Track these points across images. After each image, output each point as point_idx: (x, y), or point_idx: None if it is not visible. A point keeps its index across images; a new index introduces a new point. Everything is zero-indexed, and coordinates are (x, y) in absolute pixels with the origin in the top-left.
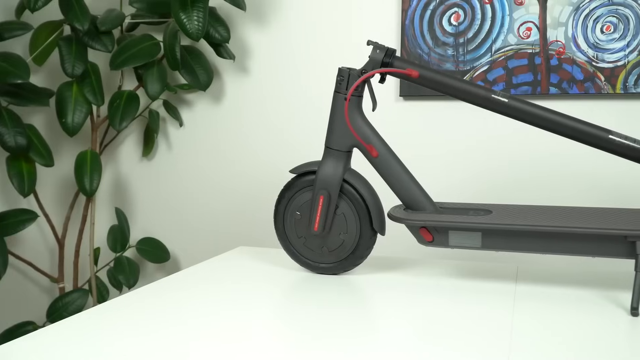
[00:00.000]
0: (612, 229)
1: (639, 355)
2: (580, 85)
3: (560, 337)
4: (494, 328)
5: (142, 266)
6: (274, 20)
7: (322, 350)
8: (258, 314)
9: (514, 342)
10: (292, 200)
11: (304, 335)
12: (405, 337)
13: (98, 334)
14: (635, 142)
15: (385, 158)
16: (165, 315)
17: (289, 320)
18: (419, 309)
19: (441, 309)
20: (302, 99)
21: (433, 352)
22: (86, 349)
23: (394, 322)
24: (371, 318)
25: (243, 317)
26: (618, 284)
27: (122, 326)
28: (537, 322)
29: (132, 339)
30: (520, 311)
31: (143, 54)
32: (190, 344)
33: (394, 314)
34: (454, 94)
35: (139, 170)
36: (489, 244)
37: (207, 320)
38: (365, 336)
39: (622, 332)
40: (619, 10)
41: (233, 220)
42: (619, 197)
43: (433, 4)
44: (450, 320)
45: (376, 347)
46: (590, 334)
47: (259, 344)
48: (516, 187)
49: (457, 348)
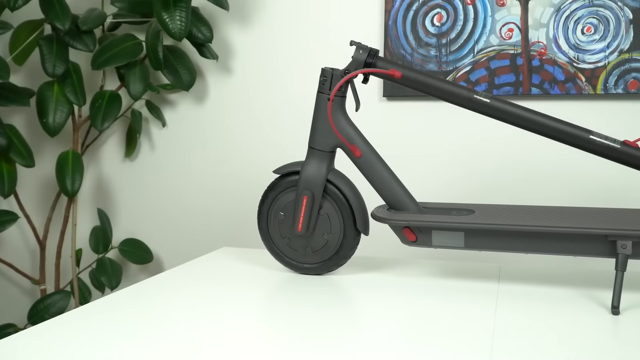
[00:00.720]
0: (593, 229)
1: (620, 353)
2: (562, 85)
3: (542, 336)
4: (477, 327)
5: (124, 267)
6: (257, 20)
7: (306, 351)
8: (242, 315)
9: (496, 341)
10: (275, 200)
11: (288, 336)
12: (389, 337)
13: (80, 336)
14: (615, 142)
15: (369, 158)
16: (147, 316)
17: (273, 321)
18: (403, 309)
19: (424, 309)
20: (285, 99)
21: (416, 351)
22: (68, 351)
23: (378, 322)
24: (355, 318)
25: (226, 318)
26: (599, 283)
27: (105, 328)
28: (519, 321)
29: (114, 341)
30: (503, 310)
31: (125, 54)
32: (173, 345)
33: (378, 313)
34: (437, 94)
35: (121, 171)
36: (472, 243)
37: (191, 321)
38: (349, 336)
39: (603, 331)
40: (599, 12)
41: (216, 220)
42: (600, 197)
43: (416, 5)
44: (433, 320)
45: (360, 347)
46: (571, 333)
47: (243, 345)
48: (499, 188)
49: (440, 347)
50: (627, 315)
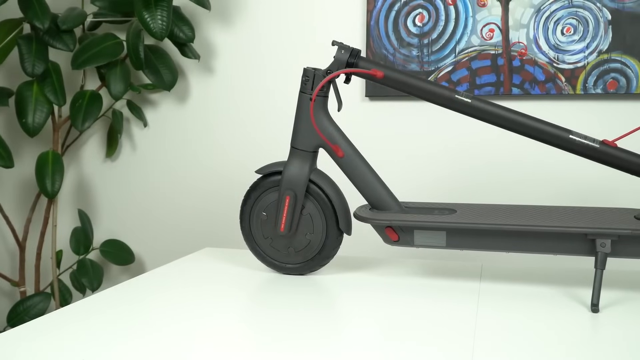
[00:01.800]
0: (573, 227)
1: (599, 350)
2: (542, 85)
3: (522, 334)
4: (459, 325)
5: (106, 269)
6: (239, 20)
7: (289, 352)
8: (223, 316)
9: (477, 339)
10: (258, 200)
11: (270, 337)
12: (371, 336)
13: (60, 338)
14: (594, 142)
15: (351, 158)
16: (129, 318)
17: (255, 322)
18: (385, 308)
19: (406, 308)
20: (268, 99)
21: (399, 350)
22: (48, 354)
23: (361, 322)
24: (338, 318)
25: (208, 319)
26: (579, 281)
27: (85, 330)
28: (501, 319)
29: (95, 343)
30: (484, 309)
31: (106, 53)
32: (154, 346)
33: (361, 313)
34: (419, 94)
35: (102, 171)
36: (454, 243)
37: (172, 323)
38: (332, 336)
39: (583, 328)
40: (579, 13)
41: (199, 221)
42: (580, 196)
43: (398, 5)
44: (415, 319)
45: (343, 347)
46: (551, 330)
47: (225, 347)
48: (481, 188)
49: (422, 346)
50: (606, 312)
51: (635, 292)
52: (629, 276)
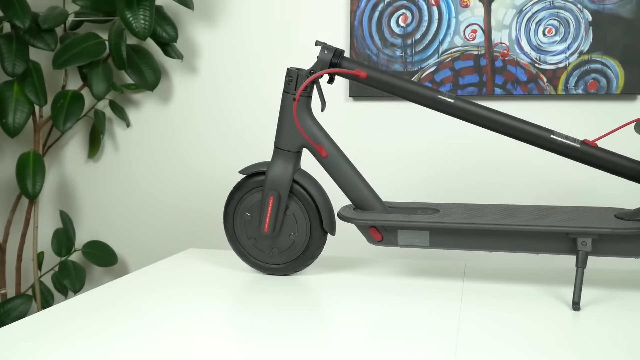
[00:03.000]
0: (555, 226)
1: (580, 347)
2: (524, 86)
3: (505, 332)
4: (442, 324)
5: (88, 270)
6: (222, 19)
7: (273, 353)
8: (208, 317)
9: (460, 337)
10: (241, 201)
11: (254, 338)
12: (356, 336)
13: (42, 340)
14: (575, 141)
15: (335, 158)
16: (111, 319)
17: (240, 323)
18: (369, 308)
19: (391, 307)
20: (252, 99)
21: (383, 349)
22: (29, 356)
23: (345, 321)
24: (322, 318)
25: (192, 320)
26: (561, 280)
27: (67, 332)
28: (483, 318)
29: (77, 345)
30: (468, 307)
31: (87, 53)
32: (137, 348)
33: (345, 313)
34: (402, 94)
35: (84, 172)
36: (437, 242)
37: (156, 324)
38: (316, 337)
39: (565, 326)
40: (560, 14)
41: (182, 221)
42: (562, 195)
43: (381, 6)
44: (399, 318)
45: (328, 346)
46: (534, 328)
47: (210, 348)
48: (464, 187)
49: (406, 344)
50: (588, 310)
51: (615, 290)
52: (610, 274)
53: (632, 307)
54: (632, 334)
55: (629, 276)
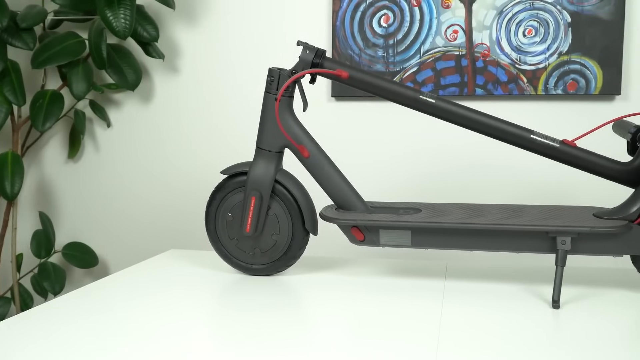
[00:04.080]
0: (534, 226)
1: (560, 344)
2: (505, 86)
3: (486, 330)
4: (424, 323)
5: (68, 272)
6: (204, 19)
7: (256, 354)
8: (189, 318)
9: (442, 336)
10: (223, 201)
11: (237, 339)
12: (339, 335)
13: (21, 343)
14: (555, 141)
15: (317, 158)
16: (92, 321)
17: (222, 324)
18: (352, 308)
19: (373, 307)
20: (233, 99)
21: (366, 348)
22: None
23: (328, 321)
24: (305, 318)
25: (174, 322)
26: (541, 279)
27: (47, 335)
28: (465, 317)
29: (57, 348)
30: (449, 306)
31: (67, 52)
32: (118, 351)
33: (327, 313)
34: (384, 94)
35: (64, 173)
36: (419, 241)
37: (137, 326)
38: (299, 337)
39: (545, 324)
40: (540, 15)
41: (164, 222)
42: (542, 195)
43: (363, 6)
44: (381, 317)
45: (311, 347)
46: (514, 327)
47: (192, 350)
48: (446, 188)
49: (389, 342)
50: (567, 308)
51: (594, 288)
52: (589, 273)
53: (611, 305)
54: (610, 332)
55: (607, 274)
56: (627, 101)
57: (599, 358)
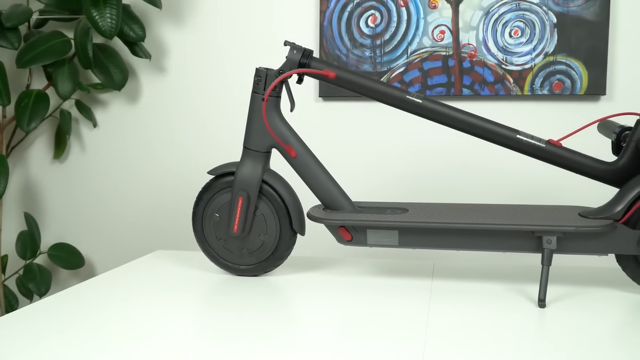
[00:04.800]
0: (521, 225)
1: (546, 342)
2: (491, 87)
3: (473, 329)
4: (411, 322)
5: (54, 273)
6: (191, 19)
7: (244, 355)
8: (176, 319)
9: (429, 335)
10: (210, 201)
11: (225, 340)
12: (327, 335)
13: (6, 345)
14: (541, 141)
15: (304, 158)
16: (78, 323)
17: (209, 325)
18: (340, 307)
19: (360, 306)
20: (221, 99)
21: (355, 347)
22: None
23: (316, 321)
24: (293, 318)
25: (161, 323)
26: (527, 278)
27: (32, 336)
28: (452, 315)
29: (43, 350)
30: (436, 305)
31: (53, 52)
32: (103, 353)
33: (315, 313)
34: (371, 94)
35: (50, 173)
36: (406, 241)
37: (124, 328)
38: (287, 337)
39: (531, 323)
40: (526, 16)
41: (151, 223)
42: (528, 194)
43: (350, 6)
44: (369, 317)
45: (299, 347)
46: (500, 325)
47: (179, 351)
48: (434, 188)
49: (376, 342)
50: (553, 307)
51: (579, 287)
52: (574, 272)
53: (596, 304)
54: (596, 330)
55: (592, 273)
56: (612, 101)
57: (585, 356)
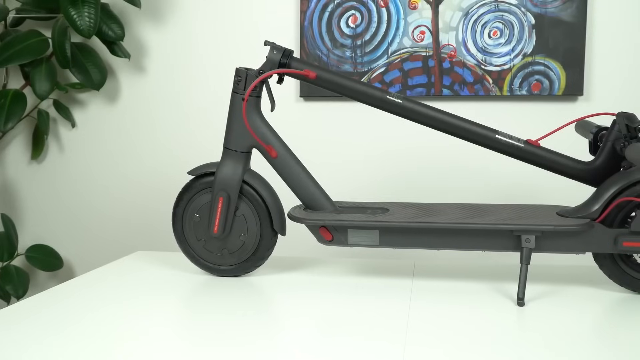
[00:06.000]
0: (500, 224)
1: (524, 340)
2: (471, 87)
3: (452, 327)
4: (392, 321)
5: (32, 275)
6: (170, 18)
7: (227, 357)
8: (156, 321)
9: (409, 333)
10: (190, 202)
11: (206, 341)
12: (308, 335)
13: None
14: (519, 141)
15: (285, 158)
16: (56, 326)
17: (190, 327)
18: (320, 307)
19: (341, 306)
20: (201, 99)
21: (334, 347)
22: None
23: (297, 322)
24: (274, 319)
25: (140, 325)
26: (506, 276)
27: (10, 339)
28: (432, 314)
29: (20, 352)
30: (417, 304)
31: (30, 51)
32: (83, 355)
33: (297, 313)
34: (351, 95)
35: (27, 174)
36: (387, 241)
37: (103, 329)
38: (269, 338)
39: (509, 321)
40: (505, 17)
41: (130, 224)
42: (507, 194)
43: (331, 6)
44: (350, 316)
45: (280, 346)
46: (480, 324)
47: (159, 353)
48: (414, 188)
49: (357, 341)
50: (531, 305)
51: (557, 285)
52: (552, 270)
53: (574, 302)
54: (574, 328)
55: (570, 272)
56: (589, 102)
57: (563, 353)
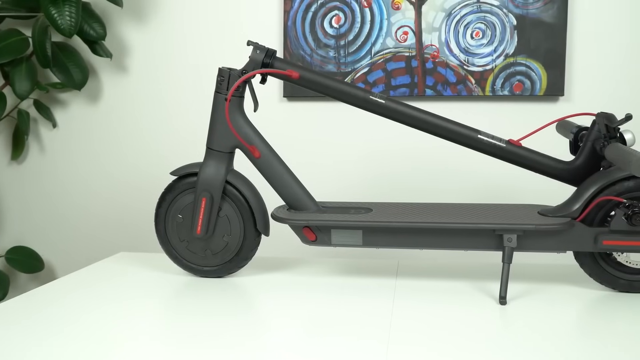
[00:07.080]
0: (482, 224)
1: (506, 339)
2: (454, 87)
3: (435, 326)
4: (375, 320)
5: (12, 277)
6: (153, 18)
7: (210, 358)
8: (139, 322)
9: (393, 332)
10: (173, 203)
11: (189, 343)
12: (292, 335)
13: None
14: (501, 141)
15: (268, 159)
16: (37, 328)
17: (173, 328)
18: (304, 307)
19: (325, 306)
20: (183, 99)
21: (318, 347)
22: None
23: (281, 322)
24: (258, 320)
25: (123, 327)
26: (488, 275)
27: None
28: (415, 313)
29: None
30: (400, 303)
31: (9, 50)
32: (63, 357)
33: (280, 313)
34: (334, 95)
35: (7, 175)
36: (370, 241)
37: (85, 331)
38: (252, 339)
39: (492, 320)
40: (487, 18)
41: (113, 225)
42: (488, 194)
43: (314, 6)
44: (334, 316)
45: (265, 347)
46: (463, 322)
47: (141, 355)
48: (398, 188)
49: (340, 340)
50: (513, 304)
51: (539, 284)
52: (534, 269)
53: (555, 300)
54: (555, 326)
55: (552, 270)
56: (570, 102)
57: (544, 351)
